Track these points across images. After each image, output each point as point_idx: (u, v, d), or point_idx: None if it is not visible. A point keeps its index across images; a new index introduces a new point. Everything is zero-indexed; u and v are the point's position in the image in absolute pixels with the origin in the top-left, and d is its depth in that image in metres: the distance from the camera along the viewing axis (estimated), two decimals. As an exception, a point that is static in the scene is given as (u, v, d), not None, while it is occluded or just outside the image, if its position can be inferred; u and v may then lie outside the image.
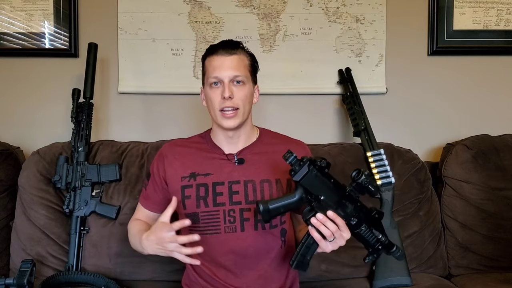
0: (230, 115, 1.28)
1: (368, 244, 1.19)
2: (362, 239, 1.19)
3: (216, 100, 1.29)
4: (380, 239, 1.18)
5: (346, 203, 1.16)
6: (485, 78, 2.01)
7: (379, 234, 1.18)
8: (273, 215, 1.16)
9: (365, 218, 1.17)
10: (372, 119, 1.80)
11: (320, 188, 1.14)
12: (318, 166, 1.13)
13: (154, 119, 1.98)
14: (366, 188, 1.14)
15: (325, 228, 1.12)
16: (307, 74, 1.97)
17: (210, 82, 1.30)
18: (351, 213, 1.16)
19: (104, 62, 1.95)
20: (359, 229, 1.17)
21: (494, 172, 1.73)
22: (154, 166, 1.41)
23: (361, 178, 1.14)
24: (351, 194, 1.16)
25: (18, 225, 1.63)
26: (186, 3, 1.94)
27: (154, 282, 1.60)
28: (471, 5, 1.98)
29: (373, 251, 1.20)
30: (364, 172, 1.14)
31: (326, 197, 1.14)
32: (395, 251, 1.20)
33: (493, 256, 1.70)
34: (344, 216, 1.15)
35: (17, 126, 1.95)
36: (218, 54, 1.30)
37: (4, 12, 1.93)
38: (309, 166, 1.13)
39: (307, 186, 1.14)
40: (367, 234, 1.17)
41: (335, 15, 1.96)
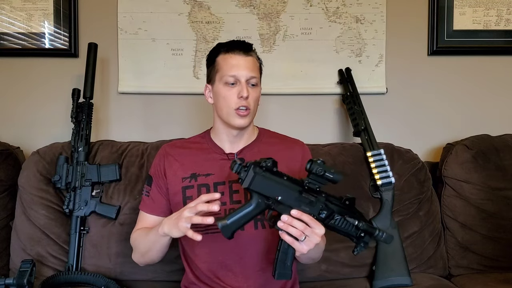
0: (243, 114, 1.28)
1: (348, 235, 1.14)
2: (339, 231, 1.14)
3: (232, 99, 1.28)
4: (358, 225, 1.12)
5: (309, 197, 1.11)
6: (485, 78, 2.01)
7: (354, 220, 1.12)
8: (234, 229, 1.11)
9: (336, 208, 1.13)
10: (372, 119, 1.80)
11: (274, 189, 1.10)
12: (264, 167, 1.10)
13: (154, 119, 1.98)
14: (323, 176, 1.10)
15: (293, 229, 1.07)
16: (307, 74, 1.97)
17: (226, 80, 1.29)
18: (318, 206, 1.11)
19: (104, 62, 1.95)
20: (332, 220, 1.12)
21: (494, 172, 1.73)
22: (154, 169, 1.39)
23: (314, 168, 1.09)
24: (310, 187, 1.11)
25: (18, 225, 1.63)
26: (186, 3, 1.94)
27: (154, 282, 1.60)
28: (471, 5, 1.98)
29: (358, 240, 1.15)
30: (317, 161, 1.10)
31: (283, 197, 1.10)
32: (379, 234, 1.13)
33: (493, 256, 1.70)
34: (310, 211, 1.10)
35: (17, 126, 1.95)
36: (234, 53, 1.30)
37: (4, 12, 1.93)
38: (254, 169, 1.09)
39: (259, 190, 1.10)
40: (343, 224, 1.12)
41: (335, 15, 1.96)
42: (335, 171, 1.11)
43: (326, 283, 1.62)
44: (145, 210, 1.39)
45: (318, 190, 1.13)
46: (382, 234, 1.13)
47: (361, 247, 1.15)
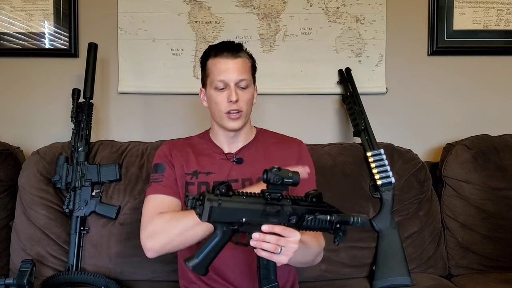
0: (234, 117, 1.29)
1: (324, 229, 1.11)
2: (315, 229, 1.10)
3: (223, 103, 1.29)
4: (330, 219, 1.08)
5: (275, 208, 1.06)
6: (485, 78, 2.01)
7: (326, 216, 1.08)
8: (207, 264, 1.06)
9: (305, 209, 1.09)
10: (372, 119, 1.80)
11: (236, 213, 1.04)
12: (219, 194, 1.02)
13: (154, 119, 1.98)
14: (283, 183, 1.05)
15: (266, 244, 1.03)
16: (307, 74, 1.97)
17: (216, 85, 1.29)
18: (286, 213, 1.07)
19: (104, 62, 1.95)
20: (304, 222, 1.07)
21: (494, 172, 1.73)
22: (163, 156, 1.35)
23: (270, 177, 1.04)
24: (273, 197, 1.06)
25: (18, 225, 1.63)
26: (186, 3, 1.94)
27: (154, 282, 1.60)
28: (471, 5, 1.98)
29: (335, 232, 1.11)
30: (272, 170, 1.04)
31: (248, 217, 1.04)
32: (354, 221, 1.10)
33: (493, 256, 1.70)
34: (279, 221, 1.06)
35: (17, 126, 1.95)
36: (222, 57, 1.29)
37: (4, 12, 1.93)
38: (209, 201, 1.01)
39: (221, 219, 1.03)
40: (316, 223, 1.08)
41: (335, 15, 1.96)
42: (292, 174, 1.06)
43: (326, 283, 1.62)
44: (163, 192, 1.30)
45: (281, 198, 1.08)
46: (358, 220, 1.11)
47: (340, 236, 1.12)
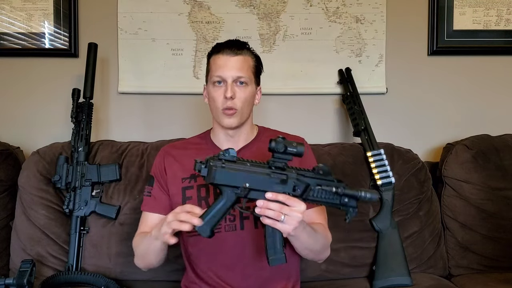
0: (229, 113, 1.29)
1: (332, 204, 1.12)
2: (322, 202, 1.12)
3: (219, 99, 1.29)
4: (337, 191, 1.10)
5: (280, 176, 1.09)
6: (485, 78, 2.01)
7: (331, 188, 1.10)
8: (213, 226, 1.10)
9: (311, 180, 1.11)
10: (372, 119, 1.80)
11: (239, 177, 1.08)
12: (223, 159, 1.09)
13: (154, 119, 1.98)
14: (286, 152, 1.09)
15: (270, 211, 1.06)
16: (307, 74, 1.97)
17: (214, 80, 1.30)
18: (291, 183, 1.09)
19: (104, 62, 1.95)
20: (310, 193, 1.10)
21: (494, 172, 1.73)
22: (155, 168, 1.39)
23: (275, 146, 1.08)
24: (277, 166, 1.10)
25: (18, 225, 1.63)
26: (186, 3, 1.94)
27: (154, 282, 1.60)
28: (471, 5, 1.98)
29: (344, 207, 1.11)
30: (276, 139, 1.09)
31: (252, 182, 1.08)
32: (362, 195, 1.10)
33: (493, 256, 1.70)
34: (284, 190, 1.09)
35: (17, 126, 1.95)
36: (223, 53, 1.30)
37: (4, 12, 1.93)
38: (213, 163, 1.08)
39: (225, 182, 1.08)
40: (322, 194, 1.10)
41: (335, 15, 1.96)
42: (297, 144, 1.09)
43: (326, 283, 1.62)
44: (147, 209, 1.37)
45: (287, 167, 1.11)
46: (366, 194, 1.11)
47: (351, 212, 1.11)
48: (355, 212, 1.12)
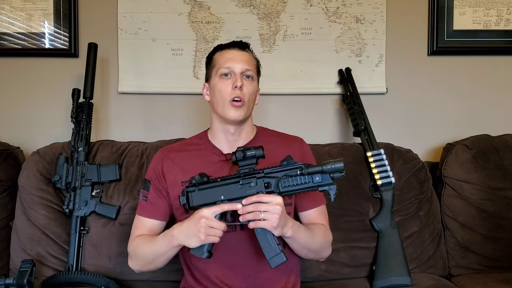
0: (238, 105, 1.28)
1: (308, 188, 1.15)
2: (297, 190, 1.16)
3: (227, 90, 1.29)
4: (301, 172, 1.14)
5: (249, 182, 1.17)
6: (485, 78, 2.01)
7: (296, 171, 1.15)
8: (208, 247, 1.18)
9: (279, 174, 1.16)
10: (372, 119, 1.80)
11: (213, 194, 1.19)
12: (194, 183, 1.21)
13: (154, 119, 1.98)
14: (247, 158, 1.17)
15: (249, 214, 1.12)
16: (307, 74, 1.97)
17: (222, 72, 1.30)
18: (261, 183, 1.16)
19: (104, 62, 1.95)
20: (282, 185, 1.15)
21: (494, 172, 1.73)
22: (152, 173, 1.37)
23: (236, 156, 1.18)
24: (245, 173, 1.18)
25: (18, 225, 1.63)
26: (186, 3, 1.94)
27: (154, 282, 1.60)
28: (471, 5, 1.98)
29: (322, 187, 1.14)
30: (234, 152, 1.19)
31: (226, 194, 1.18)
32: (326, 167, 1.12)
33: (493, 256, 1.70)
34: (258, 192, 1.15)
35: (17, 126, 1.95)
36: (230, 49, 1.33)
37: (4, 12, 1.93)
38: (187, 190, 1.22)
39: (203, 202, 1.20)
40: (294, 182, 1.15)
41: (335, 15, 1.96)
42: (254, 148, 1.18)
43: (326, 283, 1.62)
44: (144, 214, 1.36)
45: (253, 172, 1.18)
46: (329, 166, 1.12)
47: (330, 188, 1.14)
48: (334, 188, 1.14)
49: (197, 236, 1.14)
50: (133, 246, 1.34)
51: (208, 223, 1.13)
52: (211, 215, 1.14)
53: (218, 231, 1.14)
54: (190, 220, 1.17)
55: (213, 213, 1.14)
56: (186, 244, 1.18)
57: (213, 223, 1.14)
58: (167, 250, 1.24)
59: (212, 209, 1.15)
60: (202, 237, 1.13)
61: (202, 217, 1.13)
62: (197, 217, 1.14)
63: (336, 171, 1.12)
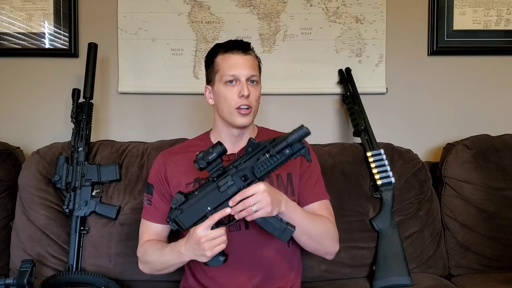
0: (245, 113, 1.28)
1: (282, 161, 1.14)
2: (273, 169, 1.15)
3: (233, 98, 1.28)
4: (271, 154, 1.13)
5: (226, 183, 1.16)
6: (485, 78, 2.01)
7: (265, 155, 1.14)
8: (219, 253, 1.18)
9: (250, 162, 1.16)
10: (372, 119, 1.80)
11: (198, 210, 1.19)
12: (176, 207, 1.21)
13: (154, 119, 1.98)
14: (210, 162, 1.16)
15: (242, 212, 1.13)
16: (307, 74, 1.97)
17: (226, 80, 1.29)
18: (237, 178, 1.16)
19: (104, 62, 1.95)
20: (258, 171, 1.14)
21: (494, 172, 1.73)
22: (154, 177, 1.37)
23: (199, 163, 1.16)
24: (217, 175, 1.18)
25: (18, 225, 1.63)
26: (186, 3, 1.94)
27: (154, 282, 1.60)
28: (471, 5, 1.98)
29: (295, 155, 1.14)
30: (195, 160, 1.17)
31: (211, 204, 1.17)
32: (292, 138, 1.12)
33: (493, 256, 1.69)
34: (238, 187, 1.15)
35: (17, 126, 1.95)
36: (233, 53, 1.30)
37: (4, 12, 1.93)
38: (172, 215, 1.21)
39: (191, 221, 1.19)
40: (265, 163, 1.14)
41: (335, 15, 1.96)
42: (212, 147, 1.17)
43: (326, 283, 1.62)
44: (149, 218, 1.37)
45: (225, 170, 1.18)
46: (293, 136, 1.12)
47: (303, 152, 1.14)
48: (307, 150, 1.14)
49: (204, 255, 1.15)
50: (142, 252, 1.35)
51: (208, 239, 1.13)
52: (207, 231, 1.14)
53: (220, 239, 1.14)
54: (190, 241, 1.17)
55: (207, 228, 1.14)
56: (198, 260, 1.19)
57: (211, 235, 1.14)
58: (177, 263, 1.26)
59: (205, 224, 1.14)
60: (209, 254, 1.14)
61: (200, 238, 1.14)
62: (195, 239, 1.15)
63: (303, 137, 1.12)
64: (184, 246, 1.19)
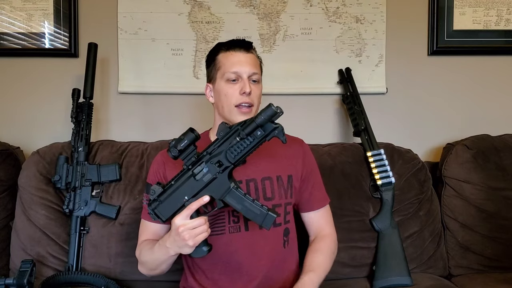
0: (246, 111, 1.28)
1: (256, 143, 1.12)
2: (248, 153, 1.13)
3: (234, 95, 1.28)
4: (241, 137, 1.11)
5: (200, 170, 1.15)
6: (485, 78, 2.01)
7: (236, 138, 1.12)
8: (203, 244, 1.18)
9: (223, 147, 1.14)
10: (372, 119, 1.80)
11: (176, 198, 1.18)
12: (153, 199, 1.20)
13: (154, 119, 1.98)
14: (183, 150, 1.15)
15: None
16: (307, 74, 1.97)
17: (228, 77, 1.29)
18: (212, 165, 1.15)
19: (104, 62, 1.95)
20: (232, 155, 1.13)
21: (494, 172, 1.73)
22: (153, 176, 1.36)
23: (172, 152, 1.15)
24: (191, 163, 1.16)
25: (18, 225, 1.63)
26: (186, 3, 1.94)
27: (154, 282, 1.60)
28: (471, 5, 1.98)
29: (268, 136, 1.11)
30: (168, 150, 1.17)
31: (187, 193, 1.17)
32: (261, 120, 1.09)
33: (493, 256, 1.70)
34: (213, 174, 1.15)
35: (17, 126, 1.95)
36: (236, 51, 1.31)
37: (4, 12, 1.93)
38: (151, 208, 1.21)
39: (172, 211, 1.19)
40: (240, 148, 1.12)
41: (335, 15, 1.96)
42: (184, 134, 1.16)
43: (326, 283, 1.60)
44: (148, 218, 1.36)
45: (199, 157, 1.17)
46: (261, 116, 1.09)
47: (277, 133, 1.11)
48: (280, 129, 1.11)
49: (186, 245, 1.14)
50: (138, 252, 1.36)
51: (187, 228, 1.13)
52: (185, 220, 1.13)
53: (201, 228, 1.13)
54: (171, 233, 1.17)
55: (186, 217, 1.13)
56: (182, 252, 1.18)
57: (191, 224, 1.13)
58: (166, 259, 1.25)
59: (183, 214, 1.13)
60: (191, 243, 1.13)
61: (179, 227, 1.13)
62: (175, 230, 1.14)
63: (271, 117, 1.09)
64: (168, 240, 1.18)
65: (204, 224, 1.14)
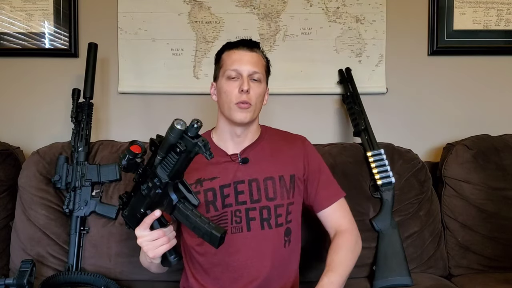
0: (244, 107, 1.27)
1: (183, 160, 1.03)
2: (181, 168, 1.05)
3: (233, 93, 1.28)
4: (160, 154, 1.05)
5: (146, 187, 1.11)
6: (485, 78, 2.01)
7: (157, 158, 1.06)
8: None
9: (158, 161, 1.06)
10: (372, 119, 1.80)
11: (135, 210, 1.17)
12: (122, 207, 1.21)
13: (154, 119, 1.98)
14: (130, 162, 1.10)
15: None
16: (307, 74, 1.97)
17: (228, 75, 1.29)
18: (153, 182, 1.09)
19: (104, 62, 1.95)
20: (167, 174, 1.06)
21: (494, 172, 1.73)
22: None
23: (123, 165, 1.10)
24: (139, 177, 1.13)
25: (18, 225, 1.63)
26: (186, 3, 1.94)
27: (154, 282, 1.60)
28: (471, 5, 1.98)
29: (192, 153, 1.01)
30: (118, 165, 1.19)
31: (143, 207, 1.15)
32: (173, 137, 1.01)
33: (493, 256, 1.70)
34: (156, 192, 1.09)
35: (17, 126, 1.95)
36: (238, 49, 1.31)
37: (4, 12, 1.93)
38: (122, 214, 1.22)
39: (135, 221, 1.17)
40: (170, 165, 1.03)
41: (335, 15, 1.96)
42: (126, 151, 1.09)
43: (326, 283, 1.61)
44: None
45: (144, 171, 1.11)
46: (169, 135, 1.01)
47: (201, 147, 0.99)
48: (205, 142, 1.00)
49: (147, 255, 1.14)
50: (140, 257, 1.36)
51: (145, 240, 1.12)
52: (143, 232, 1.12)
53: (161, 240, 1.12)
54: None
55: (144, 229, 1.12)
56: (154, 261, 1.18)
57: (150, 237, 1.12)
58: (149, 264, 1.27)
59: (141, 227, 1.13)
60: (151, 254, 1.13)
61: (138, 238, 1.13)
62: (137, 239, 1.15)
63: (185, 132, 1.00)
64: None
65: (164, 236, 1.12)
